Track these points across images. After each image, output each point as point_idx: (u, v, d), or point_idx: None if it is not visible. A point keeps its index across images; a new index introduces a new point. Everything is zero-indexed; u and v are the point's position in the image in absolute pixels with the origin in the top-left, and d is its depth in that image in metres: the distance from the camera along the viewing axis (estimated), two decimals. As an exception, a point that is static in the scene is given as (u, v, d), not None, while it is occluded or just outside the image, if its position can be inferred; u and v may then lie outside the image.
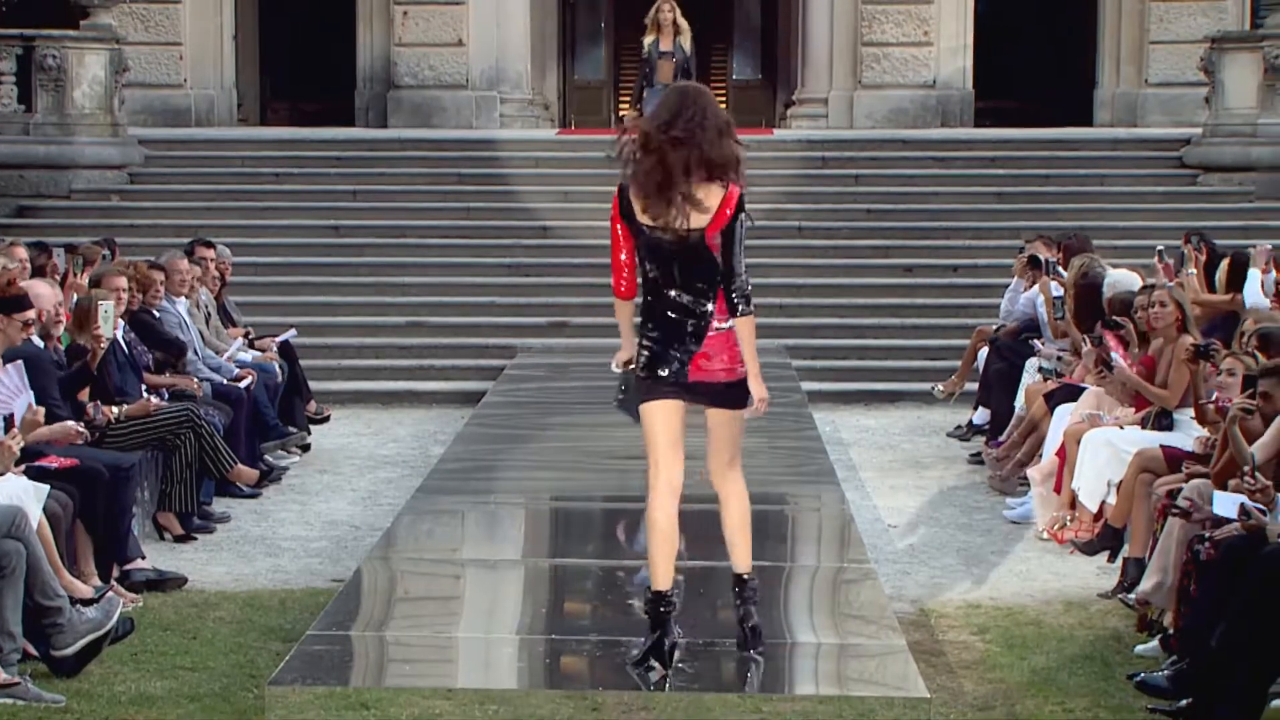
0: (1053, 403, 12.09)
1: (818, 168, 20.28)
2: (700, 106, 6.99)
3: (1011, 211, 19.44)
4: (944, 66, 23.66)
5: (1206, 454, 9.54)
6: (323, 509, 12.04)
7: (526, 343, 17.39)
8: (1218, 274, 13.58)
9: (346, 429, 15.06)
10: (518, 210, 19.56)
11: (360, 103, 24.44)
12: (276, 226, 19.32)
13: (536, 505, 11.16)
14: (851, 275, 18.21)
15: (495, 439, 13.26)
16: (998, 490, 12.50)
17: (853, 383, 16.64)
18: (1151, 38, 23.74)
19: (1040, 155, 21.11)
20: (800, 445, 12.40)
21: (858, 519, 10.78)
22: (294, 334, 14.68)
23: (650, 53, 19.42)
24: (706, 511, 10.56)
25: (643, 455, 7.48)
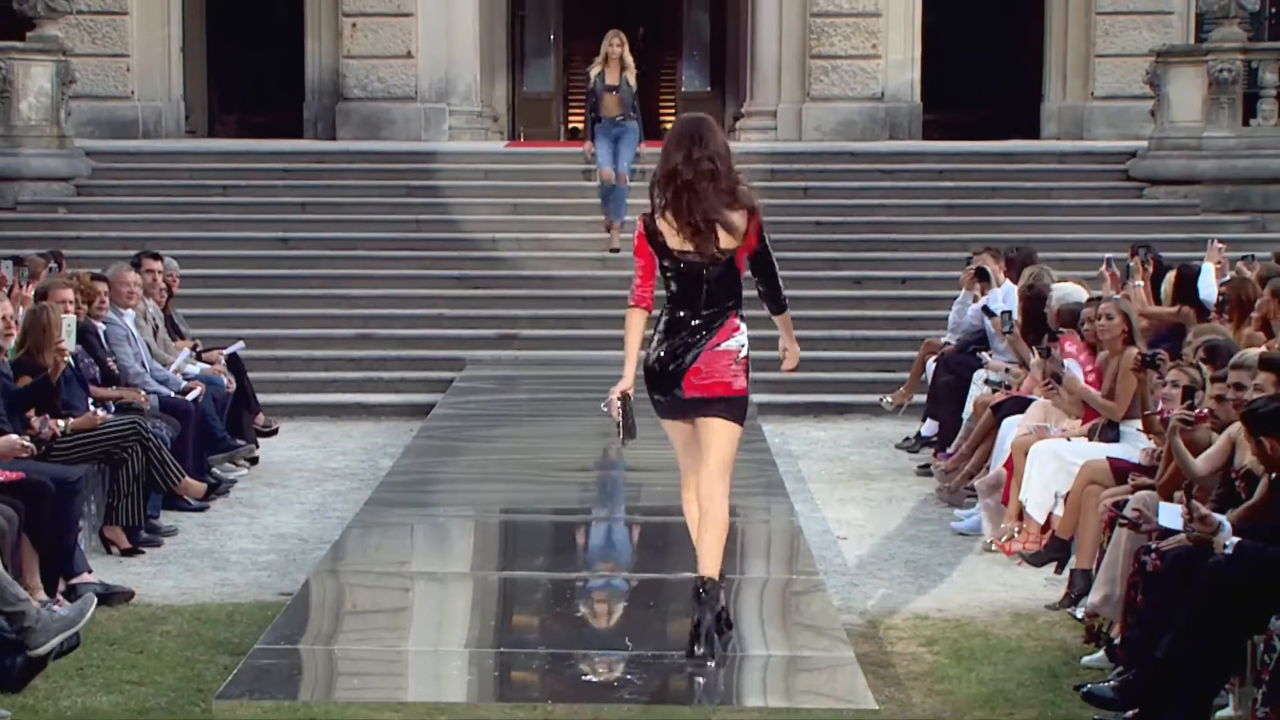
0: (1000, 415, 12.13)
1: (766, 180, 20.31)
2: (710, 137, 7.58)
3: (960, 224, 19.52)
4: (892, 79, 23.75)
5: (1153, 466, 9.59)
6: (271, 522, 12.00)
7: (475, 355, 17.37)
8: (1164, 286, 13.65)
9: (295, 442, 15.01)
10: (467, 222, 19.55)
11: (309, 115, 24.38)
12: (224, 238, 19.25)
13: (485, 518, 11.14)
14: (800, 287, 18.19)
15: (444, 451, 13.23)
16: (946, 502, 12.53)
17: (802, 395, 16.67)
18: (1097, 51, 23.88)
19: (988, 168, 21.21)
20: (749, 457, 12.39)
21: (807, 531, 10.80)
22: (242, 346, 14.63)
23: (596, 85, 19.42)
24: (658, 524, 10.58)
25: (591, 468, 7.54)
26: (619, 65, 19.34)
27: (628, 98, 19.32)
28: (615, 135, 19.23)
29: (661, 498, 11.29)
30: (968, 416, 13.20)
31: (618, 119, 19.25)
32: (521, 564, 10.00)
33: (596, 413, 15.31)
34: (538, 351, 17.56)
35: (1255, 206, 20.26)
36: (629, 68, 19.40)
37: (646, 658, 7.69)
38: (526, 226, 19.51)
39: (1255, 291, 11.81)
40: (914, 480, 13.51)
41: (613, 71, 19.34)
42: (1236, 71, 20.39)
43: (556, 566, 9.68)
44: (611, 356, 16.56)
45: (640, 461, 12.99)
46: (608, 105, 19.33)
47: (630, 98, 19.34)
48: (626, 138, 19.22)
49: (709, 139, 7.62)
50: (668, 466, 12.01)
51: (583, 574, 9.49)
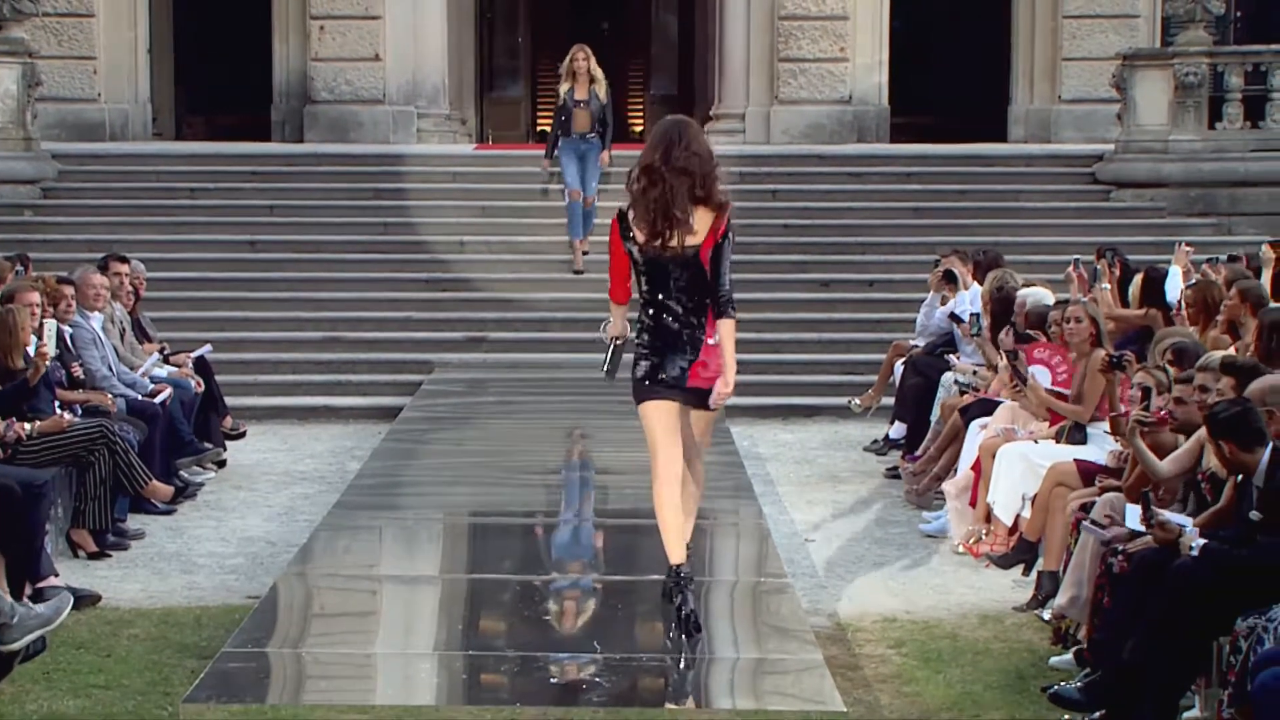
0: (968, 417, 12.16)
1: (735, 183, 20.28)
2: (690, 138, 7.91)
3: (927, 226, 19.55)
4: (860, 82, 23.78)
5: (1120, 468, 9.62)
6: (238, 525, 11.97)
7: (444, 358, 17.35)
8: (1131, 289, 13.70)
9: (263, 445, 14.98)
10: (435, 225, 19.52)
11: (277, 117, 24.32)
12: (192, 241, 19.20)
13: (454, 520, 11.13)
14: (768, 290, 18.25)
15: (412, 454, 13.22)
16: (914, 504, 12.55)
17: (770, 397, 16.68)
18: (1064, 54, 23.93)
19: (955, 171, 21.25)
20: (718, 460, 12.40)
21: (775, 533, 10.82)
22: (209, 349, 14.59)
23: (565, 101, 19.07)
24: (627, 526, 10.58)
25: (559, 471, 7.56)
26: (587, 79, 19.04)
27: (598, 112, 19.00)
28: (582, 152, 18.91)
29: (629, 500, 11.29)
30: (935, 419, 13.23)
31: (587, 134, 18.95)
32: (490, 566, 9.98)
33: (566, 415, 15.39)
34: (506, 354, 17.54)
35: (1221, 209, 20.34)
36: (599, 80, 19.10)
37: (615, 660, 7.69)
38: (495, 229, 19.49)
39: (1220, 294, 11.86)
40: (882, 482, 13.53)
41: (581, 86, 19.04)
42: (1202, 75, 20.47)
43: (525, 569, 9.67)
44: (580, 359, 16.71)
45: (608, 464, 13.00)
46: (578, 121, 18.98)
47: (601, 111, 19.02)
48: (593, 156, 18.92)
49: (689, 139, 7.92)
50: (634, 469, 12.07)
51: (551, 576, 9.48)
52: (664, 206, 7.84)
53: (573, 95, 19.02)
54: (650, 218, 7.87)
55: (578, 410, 15.30)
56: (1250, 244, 16.66)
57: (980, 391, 12.74)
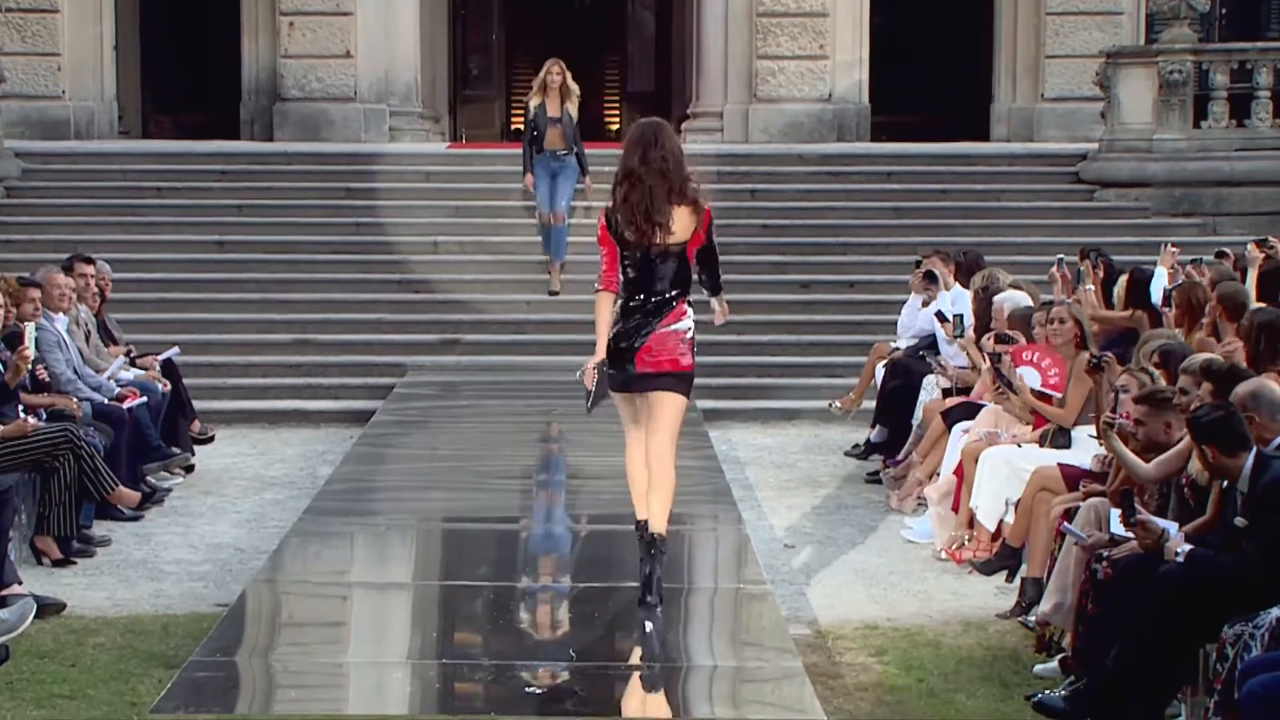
0: (950, 420, 12.17)
1: (713, 182, 20.26)
2: (664, 139, 8.67)
3: (909, 227, 19.57)
4: (840, 80, 23.80)
5: (1104, 472, 9.64)
6: (207, 532, 11.94)
7: (417, 360, 17.32)
8: (1116, 290, 13.72)
9: (232, 449, 14.95)
10: (407, 225, 19.49)
11: (245, 115, 24.27)
12: (159, 242, 19.15)
13: (427, 527, 11.12)
14: (748, 291, 18.24)
15: (385, 459, 13.20)
16: (895, 509, 12.56)
17: (749, 400, 16.69)
18: (1047, 52, 23.96)
19: (937, 170, 21.28)
20: (696, 464, 12.41)
21: (754, 539, 10.81)
22: (177, 352, 14.56)
23: (537, 117, 18.65)
24: (602, 532, 10.58)
25: (534, 476, 9.36)
26: (560, 95, 18.60)
27: (570, 130, 18.60)
28: (554, 170, 18.57)
29: (605, 505, 11.29)
30: (917, 422, 13.24)
31: (559, 152, 18.57)
32: (464, 573, 9.98)
33: (541, 419, 15.40)
34: (481, 357, 17.52)
35: (1206, 210, 20.39)
36: (571, 97, 18.66)
37: (591, 668, 7.69)
38: (469, 229, 19.46)
39: (1205, 295, 11.89)
40: (863, 487, 13.53)
41: (553, 102, 18.61)
42: (1187, 73, 20.51)
43: (499, 576, 9.67)
44: (557, 362, 16.72)
45: (583, 469, 12.99)
46: (550, 138, 18.57)
47: (573, 130, 18.63)
48: (566, 173, 18.56)
49: (664, 141, 8.66)
50: (609, 474, 12.10)
51: (526, 583, 9.48)
52: (645, 209, 8.55)
53: (544, 111, 18.63)
54: (634, 220, 8.57)
55: (553, 414, 15.29)
56: (1236, 244, 16.71)
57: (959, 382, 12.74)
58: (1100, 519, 8.75)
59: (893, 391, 14.09)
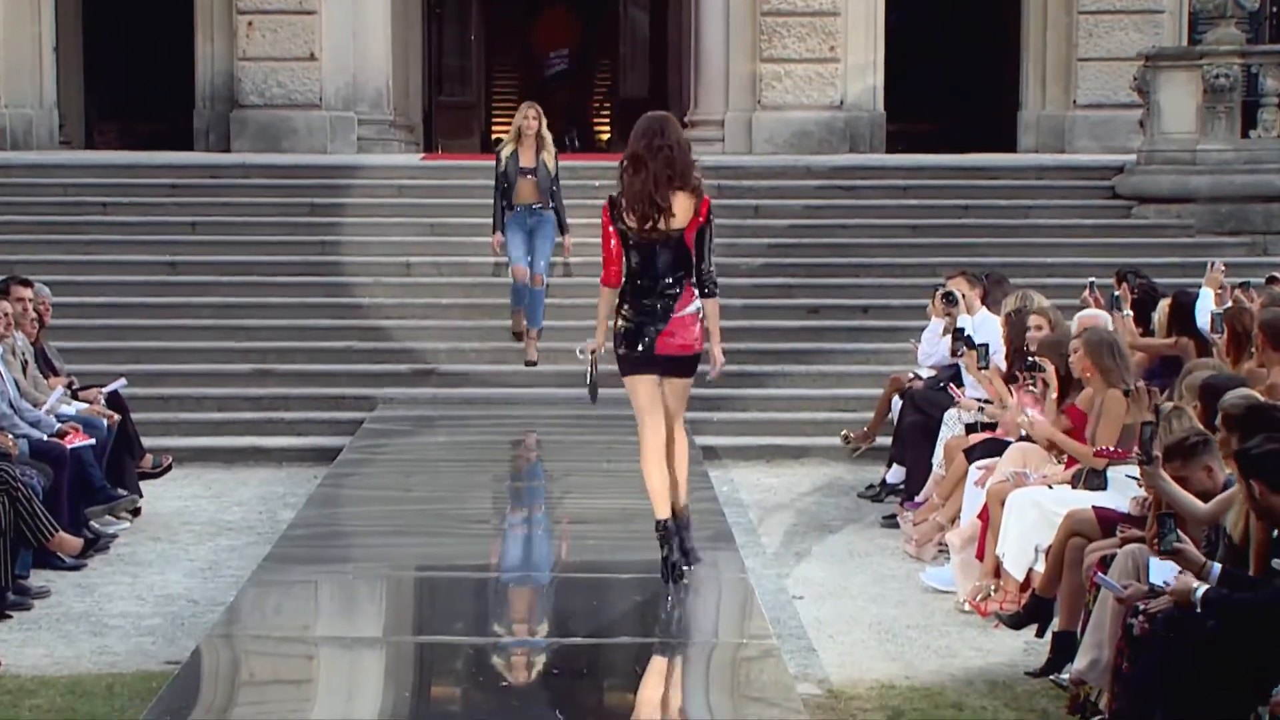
0: (974, 459, 12.17)
1: (713, 197, 20.14)
2: (670, 129, 9.91)
3: (927, 246, 19.58)
4: (852, 85, 23.85)
5: (1143, 515, 9.63)
6: (156, 581, 11.93)
7: (388, 393, 17.32)
8: (1157, 315, 13.73)
9: (184, 490, 14.94)
10: (378, 245, 19.50)
11: (200, 124, 24.30)
12: (104, 262, 19.15)
13: (399, 576, 11.10)
14: (750, 317, 18.26)
15: (352, 501, 13.19)
16: (914, 556, 12.56)
17: (752, 436, 16.69)
18: (1080, 54, 24.03)
19: (959, 184, 21.30)
20: (695, 507, 12.34)
21: (759, 589, 10.80)
22: (124, 383, 14.56)
23: (508, 167, 18.01)
24: (592, 581, 10.57)
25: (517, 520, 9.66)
26: (535, 144, 18.02)
27: (546, 183, 18.00)
28: (530, 226, 17.97)
29: (594, 552, 11.29)
30: (938, 461, 13.24)
31: (534, 206, 17.96)
32: (440, 627, 9.96)
33: (523, 457, 15.39)
34: (458, 389, 17.51)
35: (1255, 227, 20.39)
36: (548, 147, 18.10)
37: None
38: (445, 249, 19.47)
39: (1254, 322, 11.90)
40: (878, 532, 13.53)
41: (528, 151, 18.01)
42: (1234, 77, 20.54)
43: (479, 630, 9.65)
44: (540, 394, 16.70)
45: (572, 512, 12.98)
46: (522, 191, 17.96)
47: (549, 183, 18.01)
48: (543, 229, 18.01)
49: (669, 131, 9.92)
50: (599, 518, 12.04)
51: (508, 638, 9.47)
52: (648, 193, 9.76)
53: (516, 161, 18.04)
54: (637, 204, 9.79)
55: (538, 452, 15.27)
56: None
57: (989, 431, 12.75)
58: (1139, 567, 8.74)
59: (911, 427, 14.09)
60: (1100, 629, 8.86)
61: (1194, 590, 7.77)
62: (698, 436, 15.71)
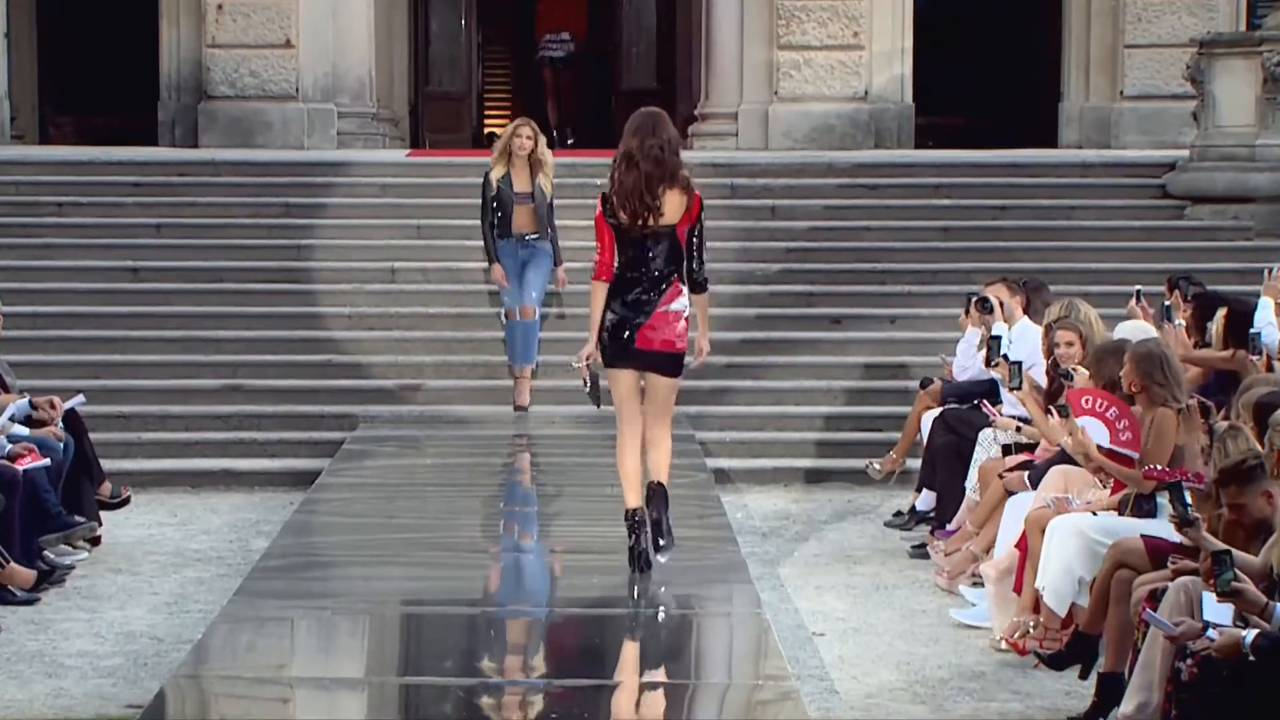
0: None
1: (725, 197, 20.34)
2: (661, 127, 11.01)
3: (960, 250, 19.57)
4: (878, 75, 23.84)
5: (1197, 546, 9.62)
6: (117, 617, 11.93)
7: (370, 411, 17.32)
8: (1213, 326, 13.71)
9: (147, 518, 14.94)
10: (360, 249, 19.50)
11: (165, 117, 24.30)
12: (59, 268, 19.16)
13: (383, 611, 11.11)
14: (766, 327, 18.26)
15: (332, 529, 13.20)
16: (945, 590, 12.56)
17: (769, 458, 16.69)
18: (1127, 40, 24.00)
19: (995, 182, 21.28)
20: (705, 534, 12.41)
21: (776, 626, 10.80)
22: (82, 400, 14.54)
23: (499, 191, 17.64)
24: (590, 617, 10.57)
25: (509, 550, 11.15)
26: (528, 166, 17.66)
27: (543, 210, 17.70)
28: (524, 258, 17.67)
29: (595, 585, 11.29)
30: (972, 486, 13.23)
31: (528, 236, 17.67)
32: (428, 667, 9.97)
33: (518, 481, 15.40)
34: (447, 406, 17.51)
35: (1320, 229, 20.39)
36: (545, 168, 17.74)
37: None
38: (433, 254, 19.46)
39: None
40: (906, 563, 13.54)
41: (521, 174, 17.65)
42: (1297, 65, 20.53)
43: (470, 670, 9.66)
44: (538, 413, 16.67)
45: (568, 542, 12.99)
46: (517, 219, 17.61)
47: (546, 210, 17.71)
48: (537, 260, 17.68)
49: (661, 129, 10.99)
50: (597, 548, 12.06)
51: (502, 679, 9.46)
52: (639, 192, 10.87)
53: (510, 184, 17.65)
54: (628, 202, 10.91)
55: (534, 475, 15.27)
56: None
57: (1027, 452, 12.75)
58: (1192, 602, 8.73)
59: (942, 448, 14.09)
60: (1149, 670, 8.85)
61: (1243, 639, 7.75)
62: (709, 459, 15.73)
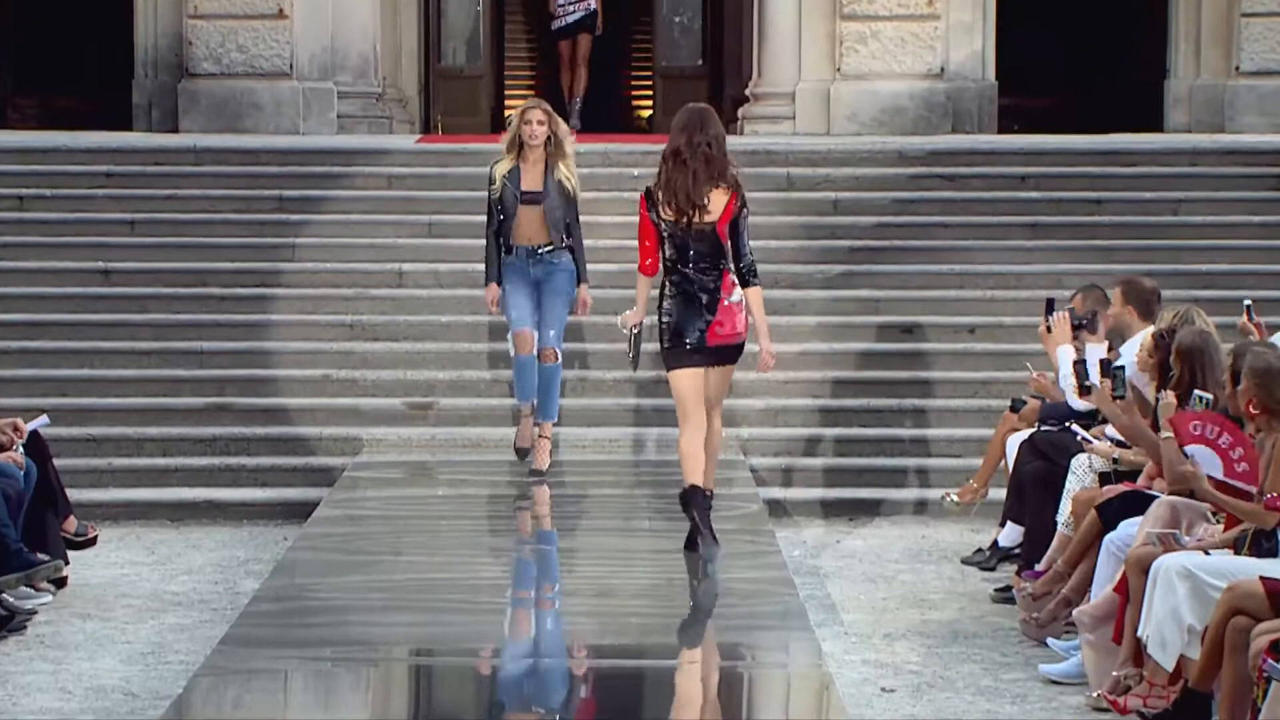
0: (1109, 516, 12.14)
1: (781, 189, 20.33)
2: (709, 124, 12.74)
3: (1049, 250, 19.54)
4: (956, 49, 23.78)
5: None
6: (85, 670, 11.94)
7: (374, 433, 17.34)
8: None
9: (120, 555, 14.97)
10: (363, 248, 19.52)
11: (140, 97, 24.35)
12: (20, 270, 19.21)
13: (388, 662, 11.14)
14: (826, 338, 18.24)
15: (331, 569, 13.22)
16: (1034, 639, 12.53)
17: (831, 488, 16.68)
18: (1245, 8, 23.90)
19: (1089, 172, 21.23)
20: (759, 576, 12.41)
21: (839, 679, 10.80)
22: (45, 421, 14.56)
23: (503, 191, 15.90)
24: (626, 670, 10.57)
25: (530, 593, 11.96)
26: (543, 158, 15.92)
27: (560, 213, 15.91)
28: (538, 276, 15.99)
29: (630, 633, 11.29)
30: (1064, 519, 13.20)
31: (542, 249, 15.95)
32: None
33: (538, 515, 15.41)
34: (460, 428, 17.51)
35: None
36: (566, 160, 16.00)
37: None
38: (446, 254, 19.47)
39: None
40: (988, 609, 13.53)
41: (533, 169, 15.93)
42: None
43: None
44: (563, 435, 16.65)
45: (594, 583, 12.99)
46: (525, 226, 15.91)
47: (564, 210, 15.94)
48: (555, 280, 15.98)
49: (709, 126, 12.72)
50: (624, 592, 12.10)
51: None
52: (685, 191, 12.57)
53: (515, 181, 15.93)
54: (674, 199, 12.63)
55: (560, 507, 15.26)
56: None
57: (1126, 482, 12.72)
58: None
59: (1030, 477, 14.05)
60: (1270, 731, 8.83)
61: None
62: (761, 489, 15.72)
